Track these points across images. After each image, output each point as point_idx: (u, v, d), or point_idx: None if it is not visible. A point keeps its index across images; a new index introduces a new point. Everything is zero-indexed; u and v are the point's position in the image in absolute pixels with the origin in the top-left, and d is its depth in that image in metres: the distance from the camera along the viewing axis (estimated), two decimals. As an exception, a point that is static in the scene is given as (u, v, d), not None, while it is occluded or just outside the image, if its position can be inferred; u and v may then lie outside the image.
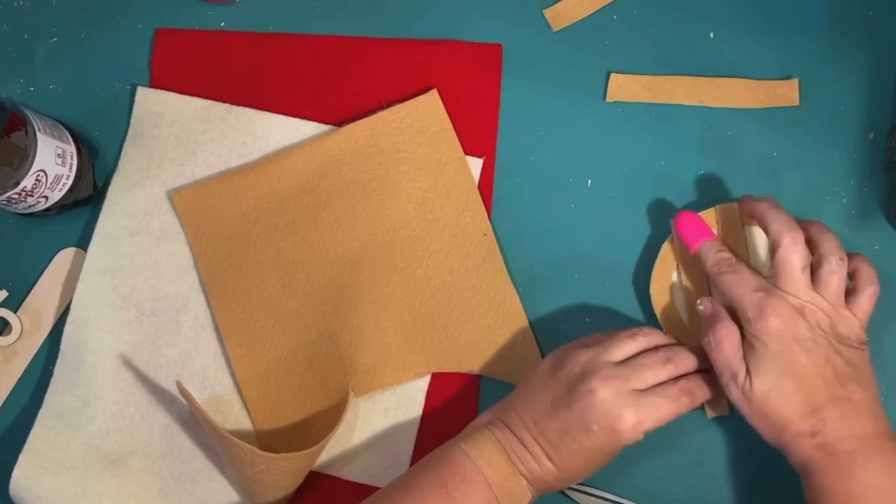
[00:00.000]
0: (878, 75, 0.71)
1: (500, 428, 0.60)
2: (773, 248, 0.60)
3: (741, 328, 0.59)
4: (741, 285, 0.59)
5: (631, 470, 0.66)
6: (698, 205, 0.69)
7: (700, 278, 0.67)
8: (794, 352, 0.57)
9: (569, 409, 0.58)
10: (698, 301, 0.62)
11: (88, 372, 0.69)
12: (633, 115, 0.71)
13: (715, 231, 0.67)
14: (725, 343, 0.59)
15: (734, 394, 0.59)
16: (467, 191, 0.70)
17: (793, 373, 0.57)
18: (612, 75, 0.71)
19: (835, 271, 0.59)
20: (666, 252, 0.67)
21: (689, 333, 0.66)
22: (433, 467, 0.60)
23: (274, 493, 0.65)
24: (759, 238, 0.67)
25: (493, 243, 0.70)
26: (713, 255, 0.62)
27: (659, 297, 0.67)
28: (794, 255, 0.59)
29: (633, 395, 0.58)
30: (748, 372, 0.58)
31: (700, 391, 0.61)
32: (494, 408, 0.63)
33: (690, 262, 0.67)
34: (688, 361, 0.61)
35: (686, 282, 0.67)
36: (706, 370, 0.62)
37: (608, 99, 0.71)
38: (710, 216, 0.67)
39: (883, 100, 0.70)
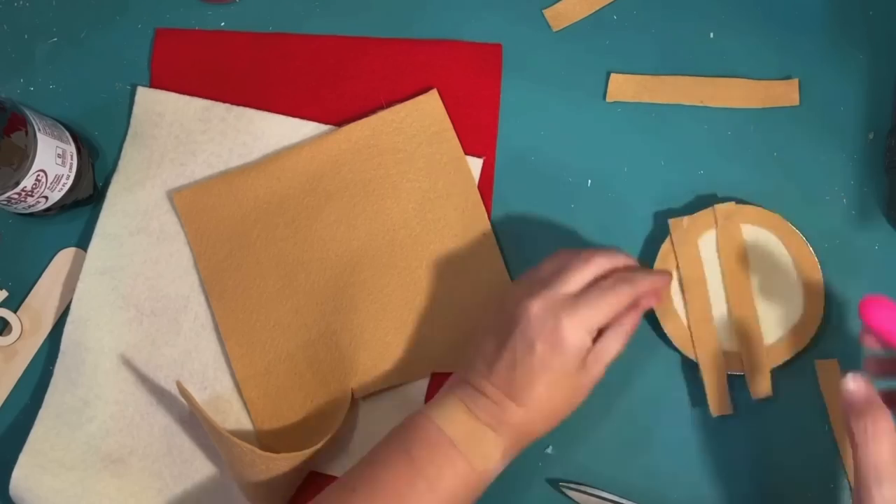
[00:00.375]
0: (878, 75, 0.71)
1: (461, 385, 0.59)
2: None
3: None
4: None
5: (631, 470, 0.66)
6: (698, 205, 0.69)
7: (699, 279, 0.67)
8: None
9: (511, 338, 0.58)
10: (849, 376, 0.52)
11: (88, 372, 0.69)
12: (633, 115, 0.71)
13: (714, 231, 0.67)
14: (885, 441, 0.50)
15: (876, 499, 0.50)
16: (467, 191, 0.70)
17: None
18: (612, 75, 0.71)
19: None
20: (665, 252, 0.67)
21: (688, 333, 0.66)
22: (396, 437, 0.59)
23: (274, 493, 0.65)
24: (758, 238, 0.67)
25: (493, 243, 0.69)
26: None
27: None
28: None
29: (565, 299, 0.58)
30: None
31: (640, 277, 0.59)
32: (456, 371, 0.62)
33: (690, 263, 0.67)
34: (615, 255, 0.60)
35: (685, 282, 0.67)
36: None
37: (608, 99, 0.71)
38: (709, 216, 0.67)
39: (883, 100, 0.70)
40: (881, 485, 0.50)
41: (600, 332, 0.59)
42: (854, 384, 0.52)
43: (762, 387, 0.65)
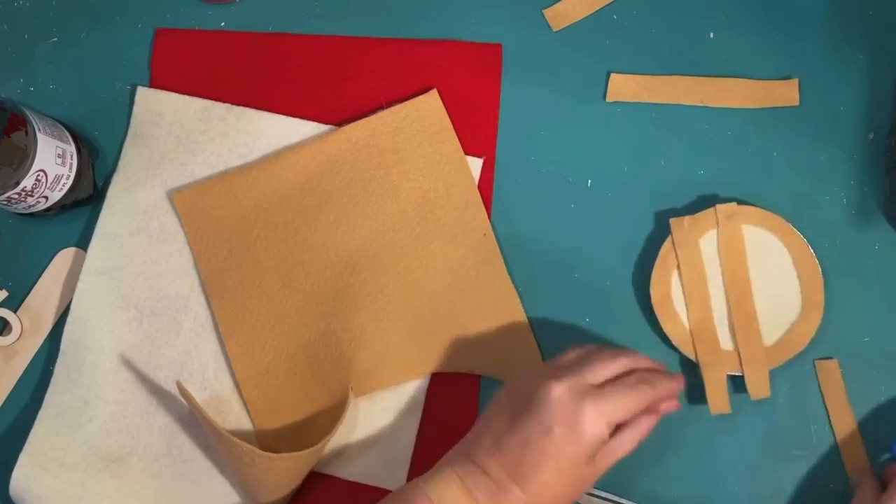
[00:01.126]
0: (878, 75, 0.71)
1: (461, 462, 0.57)
2: None
3: None
4: None
5: (631, 470, 0.66)
6: (698, 205, 0.69)
7: (700, 279, 0.67)
8: None
9: (526, 418, 0.56)
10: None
11: (88, 372, 0.69)
12: (633, 115, 0.71)
13: (714, 232, 0.67)
14: None
15: None
16: (467, 191, 0.70)
17: None
18: (612, 75, 0.71)
19: None
20: (666, 252, 0.67)
21: (688, 333, 0.66)
22: None
23: (274, 493, 0.65)
24: (759, 238, 0.67)
25: (493, 243, 0.69)
26: None
27: (659, 297, 0.67)
28: None
29: (589, 388, 0.57)
30: None
31: (659, 381, 0.59)
32: (457, 444, 0.60)
33: (691, 263, 0.67)
34: (637, 357, 0.60)
35: (686, 282, 0.67)
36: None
37: (608, 99, 0.71)
38: (710, 216, 0.67)
39: (883, 100, 0.70)
40: None
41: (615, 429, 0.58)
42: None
43: (760, 388, 0.65)
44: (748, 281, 0.67)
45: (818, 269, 0.67)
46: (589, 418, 0.56)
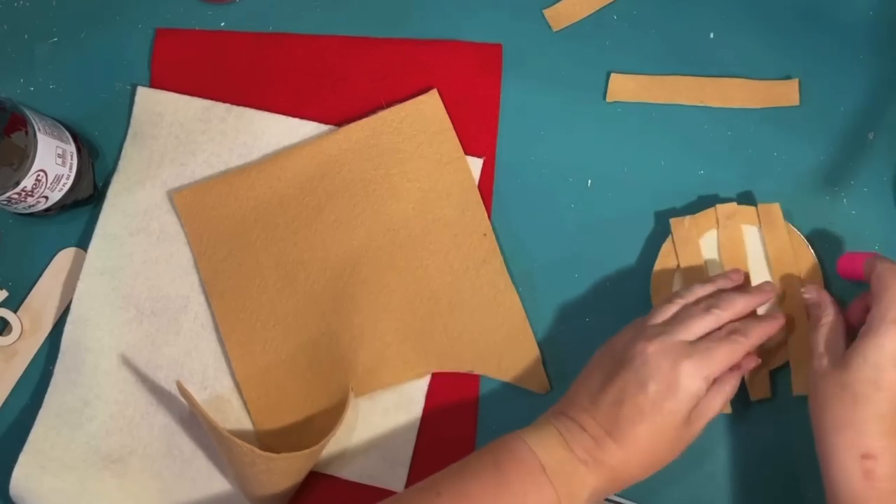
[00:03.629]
0: (879, 75, 0.71)
1: (559, 416, 0.59)
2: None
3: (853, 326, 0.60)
4: None
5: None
6: (698, 205, 0.69)
7: (701, 279, 0.67)
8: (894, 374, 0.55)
9: (621, 376, 0.57)
10: (804, 289, 0.63)
11: (88, 372, 0.69)
12: (633, 115, 0.71)
13: (715, 232, 0.67)
14: (825, 327, 0.59)
15: (814, 370, 0.58)
16: (467, 191, 0.70)
17: (881, 387, 0.55)
18: (612, 75, 0.71)
19: None
20: (666, 252, 0.67)
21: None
22: (490, 452, 0.59)
23: (274, 493, 0.65)
24: (757, 239, 0.67)
25: (493, 243, 0.69)
26: (882, 257, 0.59)
27: (659, 297, 0.67)
28: None
29: (683, 345, 0.57)
30: (835, 362, 0.57)
31: (752, 329, 0.59)
32: (556, 403, 0.61)
33: (691, 263, 0.67)
34: (734, 302, 0.60)
35: (687, 282, 0.67)
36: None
37: (608, 99, 0.71)
38: (710, 216, 0.67)
39: (883, 100, 0.70)
40: (822, 359, 0.58)
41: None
42: (808, 294, 0.63)
43: (760, 388, 0.65)
44: (749, 281, 0.67)
45: (819, 269, 0.67)
46: (685, 374, 0.56)
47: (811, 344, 0.60)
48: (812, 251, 0.67)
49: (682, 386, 0.56)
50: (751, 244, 0.67)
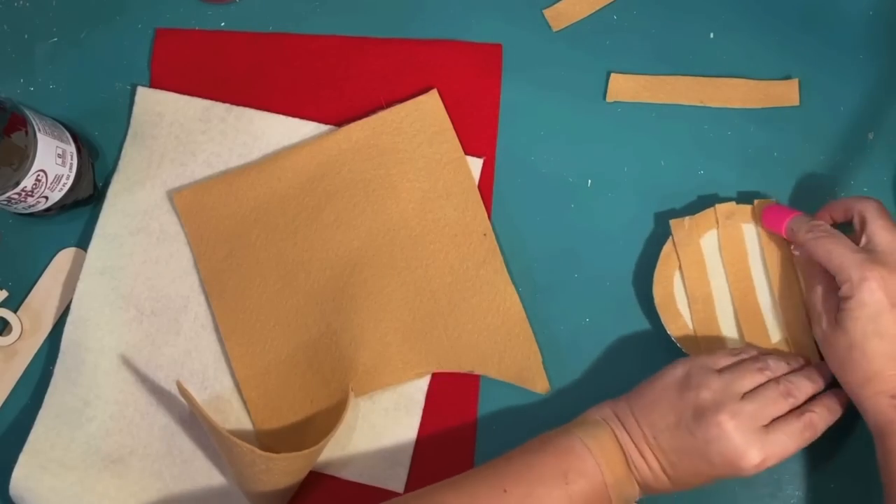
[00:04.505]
0: (878, 75, 0.71)
1: (620, 429, 0.60)
2: (862, 224, 0.61)
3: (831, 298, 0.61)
4: (840, 247, 0.59)
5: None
6: (698, 205, 0.69)
7: (702, 279, 0.67)
8: (889, 316, 0.58)
9: (693, 436, 0.58)
10: (794, 249, 0.64)
11: (88, 372, 0.69)
12: (633, 115, 0.71)
13: (715, 231, 0.67)
14: (816, 292, 0.62)
15: (817, 333, 0.62)
16: (467, 191, 0.70)
17: (883, 335, 0.58)
18: (612, 75, 0.71)
19: None
20: (667, 253, 0.67)
21: (693, 335, 0.66)
22: (553, 454, 0.60)
23: (274, 493, 0.65)
24: (757, 238, 0.67)
25: (493, 243, 0.69)
26: (806, 223, 0.62)
27: (662, 299, 0.67)
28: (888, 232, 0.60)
29: (758, 433, 0.58)
30: (832, 323, 0.60)
31: (822, 422, 0.60)
32: (613, 403, 0.62)
33: (692, 264, 0.67)
34: (807, 389, 0.61)
35: (688, 283, 0.67)
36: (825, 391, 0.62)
37: (608, 99, 0.71)
38: (709, 216, 0.67)
39: (883, 100, 0.70)
40: (821, 319, 0.61)
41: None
42: (796, 253, 0.65)
43: None
44: (751, 279, 0.67)
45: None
46: (751, 464, 0.58)
47: (809, 308, 0.63)
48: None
49: (743, 471, 0.58)
50: (750, 242, 0.67)
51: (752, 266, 0.67)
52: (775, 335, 0.66)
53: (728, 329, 0.67)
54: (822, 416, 0.60)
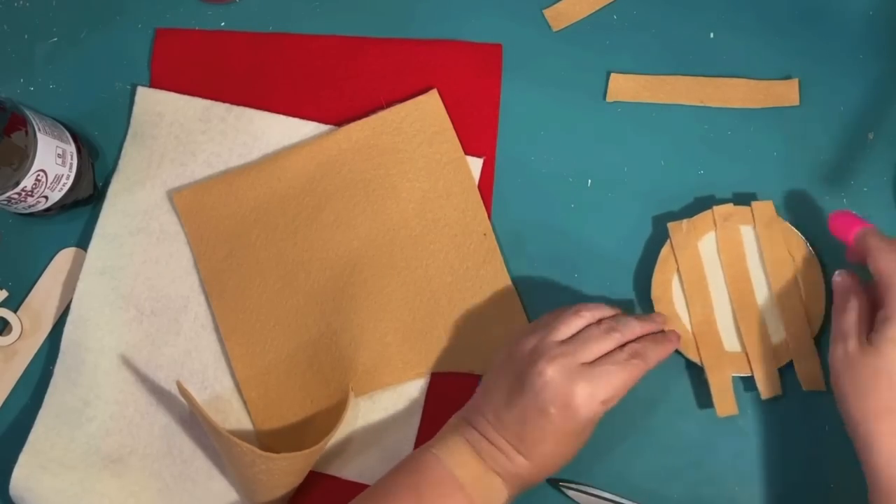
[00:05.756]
0: (878, 75, 0.71)
1: (467, 429, 0.60)
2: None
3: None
4: None
5: (631, 470, 0.66)
6: (698, 205, 0.69)
7: (701, 282, 0.67)
8: None
9: (522, 396, 0.58)
10: (836, 272, 0.61)
11: (88, 372, 0.69)
12: (633, 115, 0.71)
13: (713, 234, 0.67)
14: (851, 313, 0.58)
15: (838, 353, 0.58)
16: (467, 191, 0.70)
17: None
18: (612, 75, 0.71)
19: None
20: (665, 256, 0.67)
21: (691, 337, 0.66)
22: (406, 474, 0.60)
23: (274, 493, 0.65)
24: (756, 239, 0.67)
25: (493, 243, 0.70)
26: (880, 234, 0.59)
27: (660, 301, 0.67)
28: None
29: (581, 369, 0.58)
30: (863, 347, 0.56)
31: (651, 352, 0.60)
32: (461, 410, 0.63)
33: (691, 266, 0.67)
34: (633, 327, 0.61)
35: (687, 286, 0.67)
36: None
37: (608, 99, 0.71)
38: (707, 218, 0.67)
39: (883, 100, 0.70)
40: (847, 340, 0.58)
41: None
42: (839, 277, 0.61)
43: (772, 386, 0.65)
44: (750, 280, 0.67)
45: (819, 268, 0.67)
46: (582, 400, 0.57)
47: (837, 328, 0.59)
48: (810, 248, 0.67)
49: (579, 411, 0.58)
50: (748, 244, 0.67)
51: (750, 267, 0.67)
52: (775, 336, 0.66)
53: (726, 331, 0.67)
54: (649, 347, 0.60)
